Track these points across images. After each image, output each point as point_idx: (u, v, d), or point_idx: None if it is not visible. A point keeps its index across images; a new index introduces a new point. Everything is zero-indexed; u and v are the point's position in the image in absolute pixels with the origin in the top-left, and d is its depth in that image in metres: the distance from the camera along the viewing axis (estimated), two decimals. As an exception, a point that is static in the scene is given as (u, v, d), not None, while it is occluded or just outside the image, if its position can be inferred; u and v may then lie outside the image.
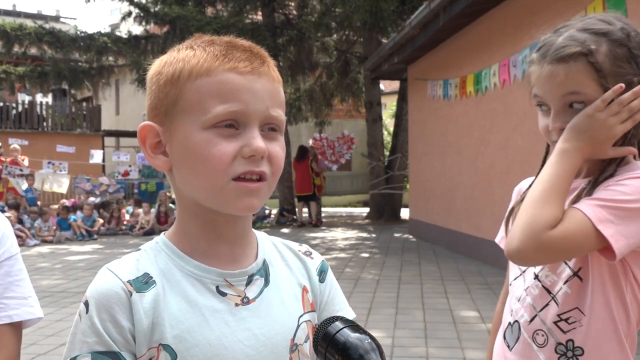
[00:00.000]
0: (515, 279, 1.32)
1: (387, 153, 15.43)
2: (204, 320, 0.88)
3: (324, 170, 14.22)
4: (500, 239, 1.43)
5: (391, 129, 18.57)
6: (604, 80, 1.15)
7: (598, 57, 1.15)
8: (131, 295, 0.86)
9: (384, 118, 17.06)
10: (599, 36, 1.17)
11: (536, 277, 1.25)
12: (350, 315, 1.05)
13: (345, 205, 19.73)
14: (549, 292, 1.22)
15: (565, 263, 1.20)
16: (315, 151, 14.22)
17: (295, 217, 14.01)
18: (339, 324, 0.79)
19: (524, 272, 1.30)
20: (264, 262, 0.98)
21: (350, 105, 17.24)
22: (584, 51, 1.15)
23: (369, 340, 0.77)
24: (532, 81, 1.24)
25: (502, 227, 1.40)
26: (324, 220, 14.19)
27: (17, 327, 1.26)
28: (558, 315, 1.20)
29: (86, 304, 0.87)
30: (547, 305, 1.22)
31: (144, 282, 0.88)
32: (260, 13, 14.90)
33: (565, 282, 1.20)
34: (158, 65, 0.93)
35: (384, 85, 20.67)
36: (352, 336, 0.77)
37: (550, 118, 1.21)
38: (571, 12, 5.36)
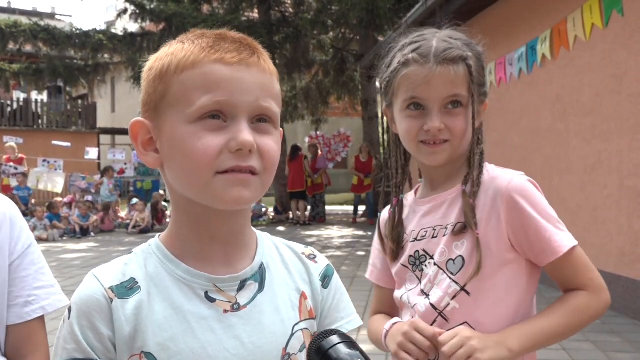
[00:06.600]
0: (402, 295, 1.32)
1: (382, 151, 15.42)
2: (188, 328, 0.85)
3: (325, 168, 14.16)
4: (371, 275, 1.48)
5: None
6: (474, 86, 1.21)
7: (472, 63, 1.21)
8: (112, 302, 0.84)
9: (380, 116, 17.06)
10: (466, 45, 1.24)
11: (426, 295, 1.24)
12: (356, 322, 1.01)
13: (341, 203, 19.71)
14: (434, 308, 1.22)
15: (450, 278, 1.21)
16: (319, 149, 14.13)
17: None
18: (334, 339, 0.78)
19: (409, 290, 1.29)
20: (261, 265, 0.93)
21: (347, 103, 17.22)
22: (464, 55, 1.21)
23: (360, 359, 0.75)
24: (408, 83, 1.23)
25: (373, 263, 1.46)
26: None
27: (43, 319, 1.22)
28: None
29: (69, 310, 0.86)
30: (434, 322, 1.21)
31: (128, 288, 0.86)
32: (256, 10, 14.88)
33: (453, 297, 1.20)
34: (151, 61, 0.90)
35: (380, 83, 20.61)
36: (343, 352, 0.76)
37: (428, 118, 1.22)
38: (567, 11, 5.36)
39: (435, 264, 1.24)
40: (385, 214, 1.41)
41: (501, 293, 1.20)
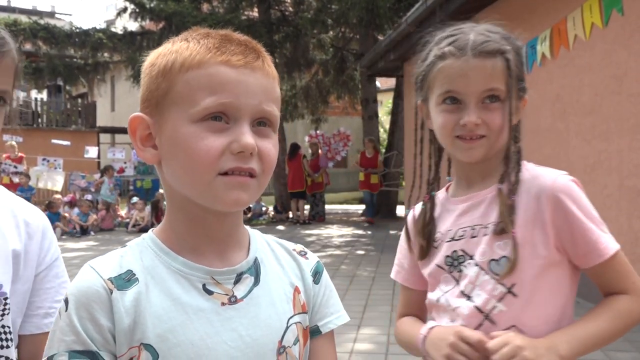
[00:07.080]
0: (439, 297, 1.27)
1: (383, 150, 15.43)
2: (187, 320, 0.85)
3: (325, 167, 14.15)
4: (397, 274, 1.43)
5: (387, 126, 18.55)
6: (511, 80, 1.18)
7: (510, 57, 1.19)
8: (111, 293, 0.84)
9: (380, 115, 17.08)
10: (505, 39, 1.21)
11: (468, 297, 1.21)
12: (345, 318, 1.02)
13: (341, 202, 19.72)
14: (480, 310, 1.19)
15: (495, 279, 1.17)
16: (319, 147, 14.11)
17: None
18: None
19: (446, 292, 1.25)
20: (255, 260, 0.95)
21: (347, 102, 17.22)
22: (502, 49, 1.19)
23: None
24: (444, 76, 1.21)
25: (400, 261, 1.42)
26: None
27: None
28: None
29: (66, 301, 0.85)
30: (481, 325, 1.18)
31: (126, 280, 0.86)
32: (256, 9, 14.87)
33: (500, 299, 1.17)
34: (153, 57, 0.91)
35: (380, 82, 20.63)
36: None
37: (465, 112, 1.20)
38: (567, 10, 5.36)
39: (476, 265, 1.20)
40: (413, 211, 1.38)
41: (548, 295, 1.17)
